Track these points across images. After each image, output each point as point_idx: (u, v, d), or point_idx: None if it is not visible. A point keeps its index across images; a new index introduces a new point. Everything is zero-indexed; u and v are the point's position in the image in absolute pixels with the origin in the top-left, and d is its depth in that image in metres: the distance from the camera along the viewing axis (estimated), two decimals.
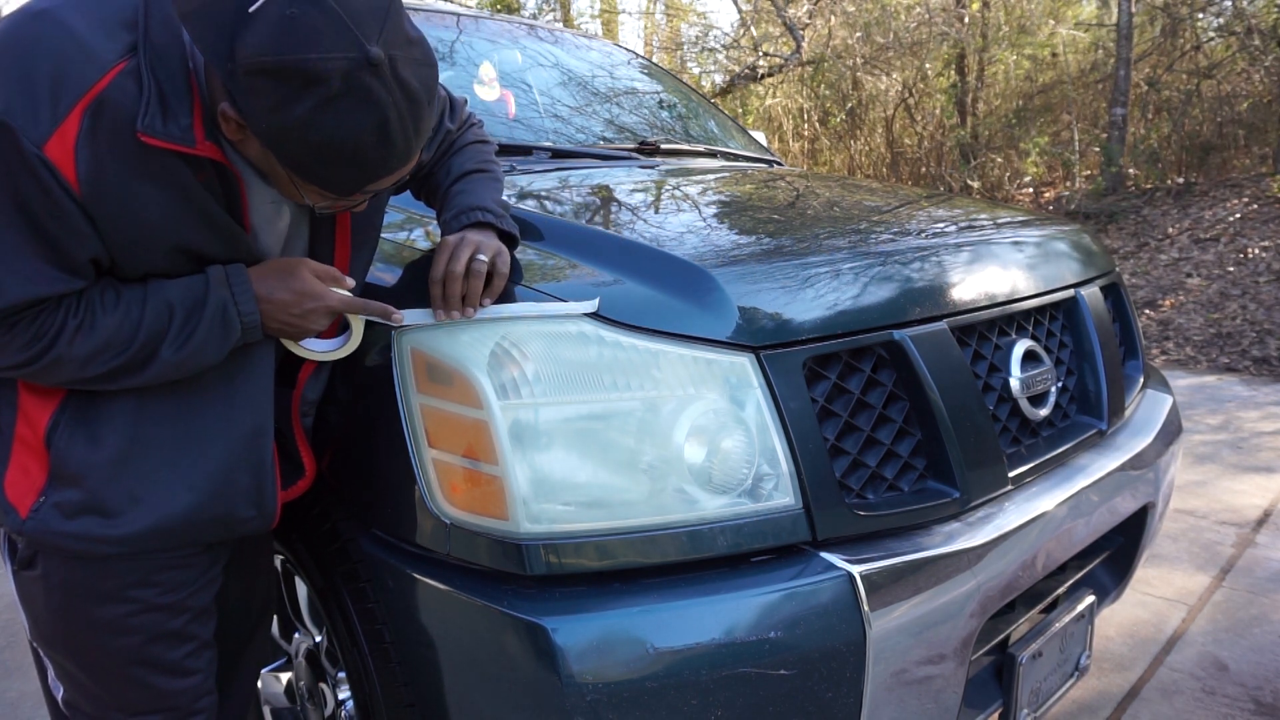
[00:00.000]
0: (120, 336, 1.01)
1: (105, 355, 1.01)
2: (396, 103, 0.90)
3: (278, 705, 1.73)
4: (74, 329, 0.99)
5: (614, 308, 1.18)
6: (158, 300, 1.03)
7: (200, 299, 1.04)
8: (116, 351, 1.01)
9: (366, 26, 0.87)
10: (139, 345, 1.02)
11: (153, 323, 1.02)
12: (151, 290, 1.03)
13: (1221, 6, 9.27)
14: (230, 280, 1.07)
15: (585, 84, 2.69)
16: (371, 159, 0.92)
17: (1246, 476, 3.46)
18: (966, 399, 1.35)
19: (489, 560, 1.14)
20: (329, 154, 0.91)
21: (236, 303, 1.06)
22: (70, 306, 0.99)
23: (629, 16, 15.37)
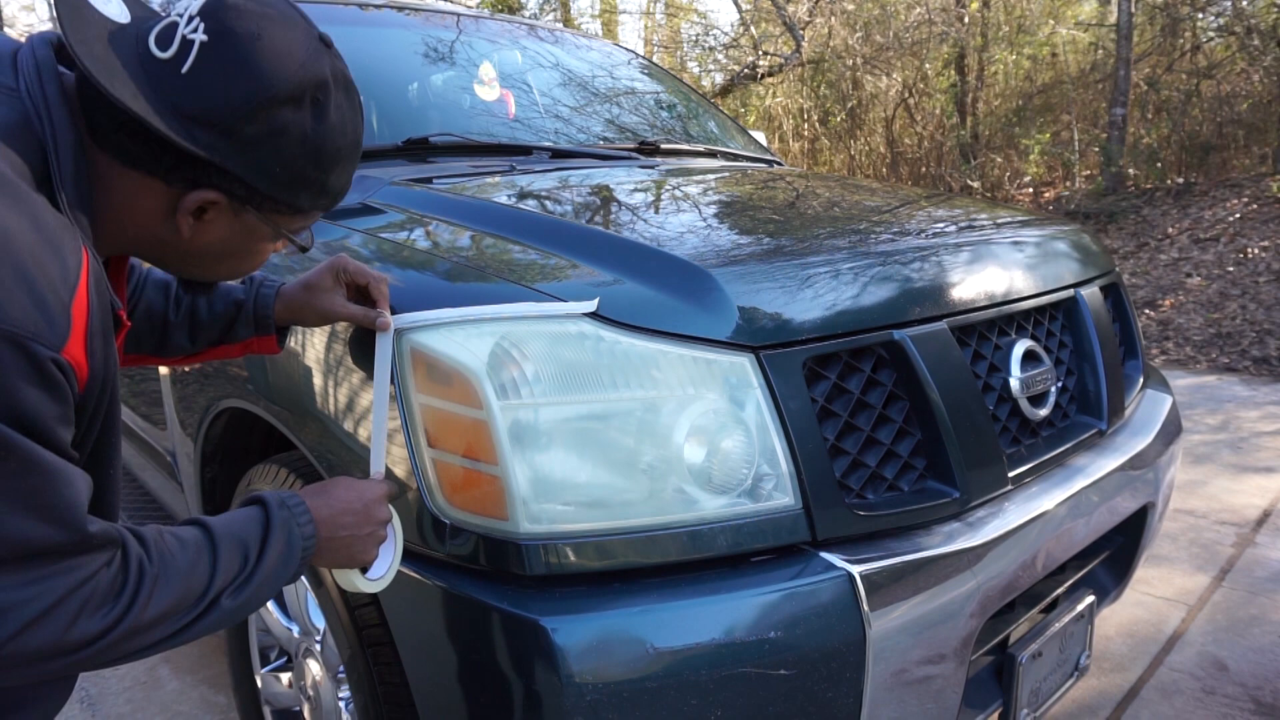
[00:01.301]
0: (194, 587, 0.84)
1: (176, 614, 0.83)
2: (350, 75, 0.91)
3: (278, 705, 1.73)
4: (152, 579, 0.80)
5: (614, 308, 1.17)
6: (226, 538, 0.88)
7: (264, 527, 0.91)
8: (189, 606, 0.84)
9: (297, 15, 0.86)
10: (212, 596, 0.85)
11: (229, 565, 0.87)
12: (214, 528, 0.89)
13: (1221, 6, 9.27)
14: (285, 501, 0.95)
15: (585, 84, 2.69)
16: (361, 140, 0.93)
17: (1246, 476, 3.46)
18: (966, 399, 1.35)
19: (489, 560, 1.14)
20: (348, 152, 0.89)
21: (298, 523, 0.94)
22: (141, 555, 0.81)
23: (629, 16, 15.36)
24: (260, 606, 0.95)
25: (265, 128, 0.81)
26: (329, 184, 0.90)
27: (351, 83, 0.90)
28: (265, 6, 0.83)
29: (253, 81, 0.80)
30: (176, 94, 0.79)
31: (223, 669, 2.29)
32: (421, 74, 2.39)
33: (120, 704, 2.16)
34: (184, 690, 2.22)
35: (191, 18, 0.81)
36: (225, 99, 0.79)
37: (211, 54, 0.79)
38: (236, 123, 0.80)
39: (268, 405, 1.48)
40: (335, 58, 0.88)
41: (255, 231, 0.92)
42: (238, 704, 1.82)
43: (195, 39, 0.79)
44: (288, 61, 0.81)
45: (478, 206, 1.57)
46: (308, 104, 0.83)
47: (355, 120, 0.90)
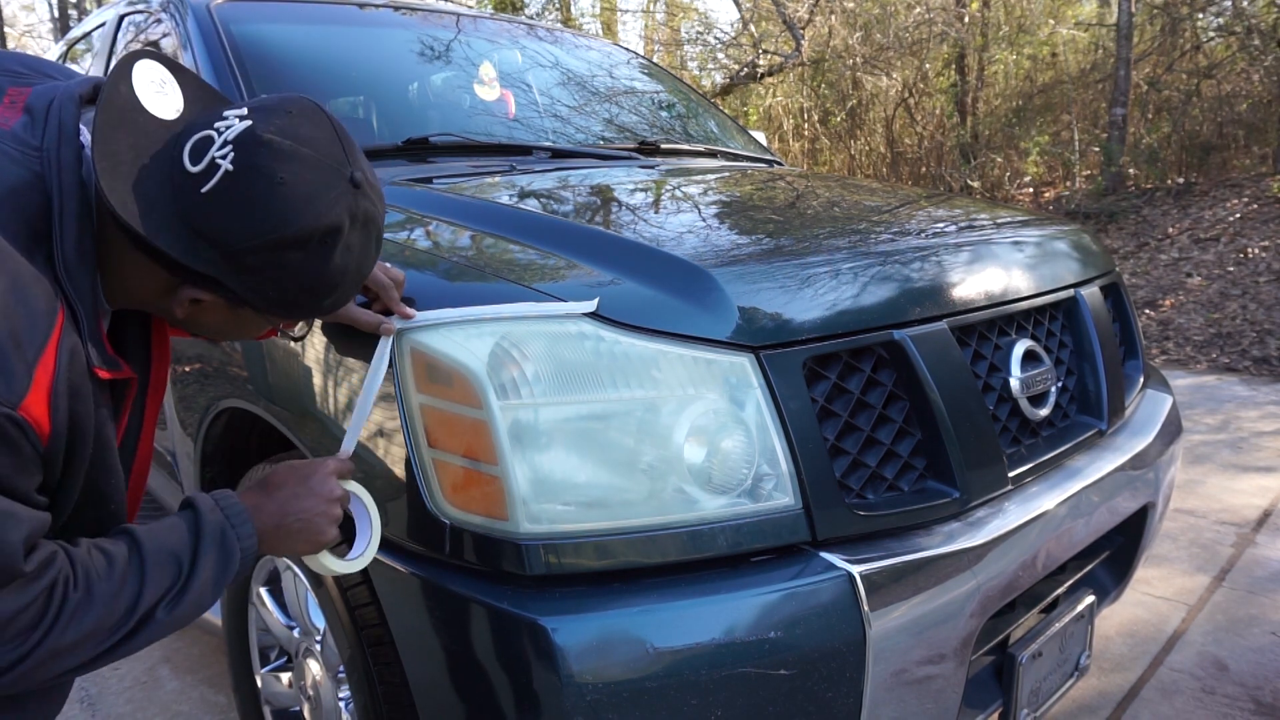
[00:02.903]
0: (119, 607, 0.84)
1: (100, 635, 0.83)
2: (379, 207, 0.93)
3: (278, 705, 1.73)
4: (74, 605, 0.81)
5: (614, 307, 1.17)
6: (155, 550, 0.88)
7: (194, 534, 0.91)
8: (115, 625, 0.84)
9: (336, 155, 0.87)
10: (141, 612, 0.85)
11: (159, 579, 0.87)
12: (142, 541, 0.88)
13: (1221, 6, 9.26)
14: (218, 502, 0.95)
15: (585, 84, 2.68)
16: (372, 265, 0.95)
17: (1246, 476, 3.46)
18: (966, 399, 1.35)
19: (489, 560, 1.14)
20: (345, 285, 0.91)
21: (233, 525, 0.94)
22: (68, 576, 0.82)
23: (629, 16, 15.36)
24: (206, 609, 0.94)
25: (266, 261, 0.84)
26: (323, 306, 0.93)
27: (374, 219, 0.92)
28: (301, 146, 0.84)
29: (264, 222, 0.82)
30: (191, 208, 0.82)
31: (223, 669, 2.29)
32: (421, 74, 2.39)
33: (120, 704, 2.16)
34: (184, 690, 2.22)
35: (226, 142, 0.83)
36: (233, 229, 0.82)
37: (232, 184, 0.82)
38: (239, 252, 0.83)
39: (268, 405, 1.48)
40: (363, 196, 0.89)
41: (250, 321, 0.97)
42: (238, 704, 1.82)
43: (222, 166, 0.82)
44: (304, 209, 0.84)
45: (478, 206, 1.57)
46: (315, 246, 0.86)
47: (363, 257, 0.92)
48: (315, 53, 2.20)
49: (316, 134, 0.87)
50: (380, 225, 0.94)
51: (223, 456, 1.80)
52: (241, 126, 0.84)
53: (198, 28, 2.04)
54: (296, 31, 2.22)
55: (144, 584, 0.86)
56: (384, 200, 0.96)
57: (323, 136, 0.87)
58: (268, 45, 2.09)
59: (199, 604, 0.91)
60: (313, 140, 0.86)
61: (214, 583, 0.92)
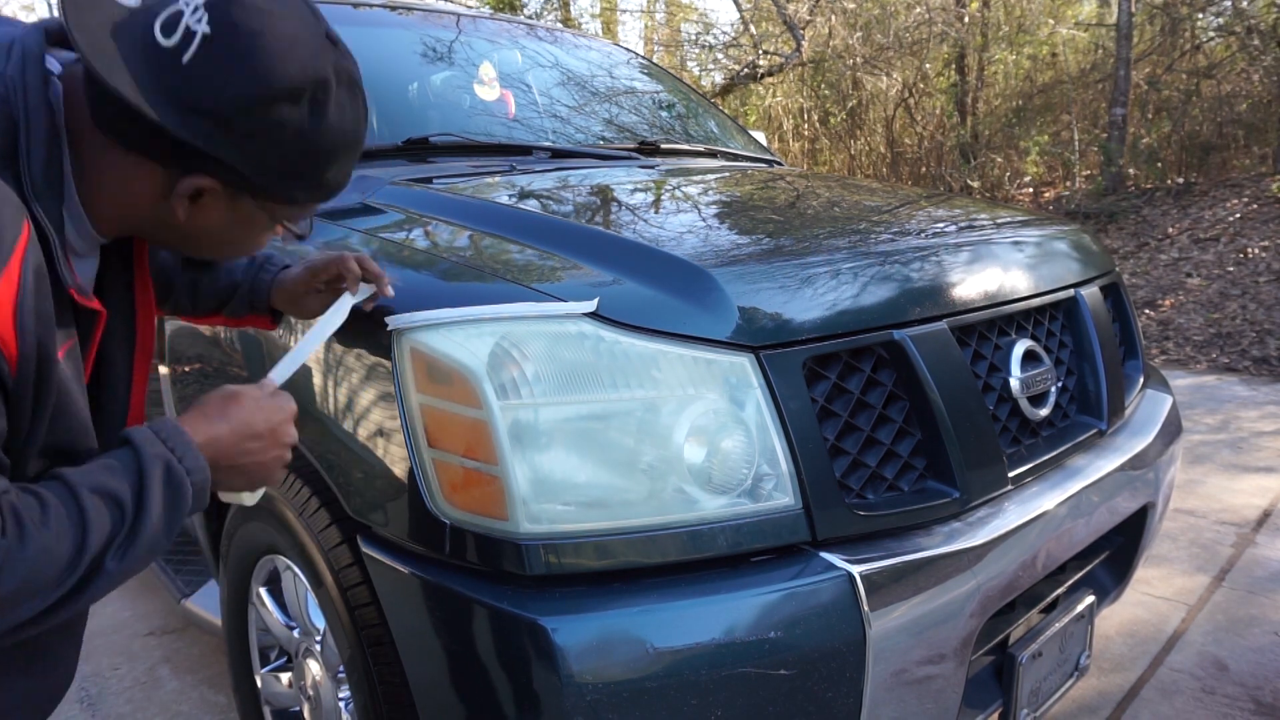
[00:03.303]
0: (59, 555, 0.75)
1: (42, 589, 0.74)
2: (359, 72, 0.91)
3: (278, 705, 1.73)
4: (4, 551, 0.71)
5: (614, 307, 1.17)
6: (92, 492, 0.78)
7: (136, 472, 0.81)
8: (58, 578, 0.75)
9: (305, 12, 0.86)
10: (87, 562, 0.76)
11: (102, 524, 0.78)
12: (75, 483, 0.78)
13: (1221, 6, 9.27)
14: (161, 433, 0.85)
15: (585, 84, 2.69)
16: (364, 136, 0.92)
17: (1246, 476, 3.46)
18: (966, 399, 1.35)
19: (488, 560, 1.14)
20: (345, 149, 0.89)
21: (179, 457, 0.84)
22: None
23: (629, 15, 15.36)
24: (160, 554, 0.87)
25: (261, 122, 0.82)
26: (325, 178, 0.91)
27: (356, 80, 0.90)
28: (272, 3, 0.83)
29: (251, 77, 0.80)
30: (175, 83, 0.80)
31: (223, 669, 2.29)
32: (421, 74, 2.39)
33: (120, 704, 2.16)
34: (184, 690, 2.22)
35: (197, 7, 0.81)
36: (222, 92, 0.80)
37: (212, 47, 0.79)
38: (232, 116, 0.80)
39: None
40: (342, 55, 0.88)
41: (251, 217, 0.92)
42: (238, 704, 1.82)
43: (198, 30, 0.80)
44: (288, 59, 0.82)
45: (477, 206, 1.57)
46: (306, 102, 0.83)
47: (356, 118, 0.90)
48: None
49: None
50: (364, 92, 0.91)
51: None
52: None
53: None
54: None
55: (86, 530, 0.77)
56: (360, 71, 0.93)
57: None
58: None
59: (152, 549, 0.82)
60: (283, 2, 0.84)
61: (166, 524, 0.83)
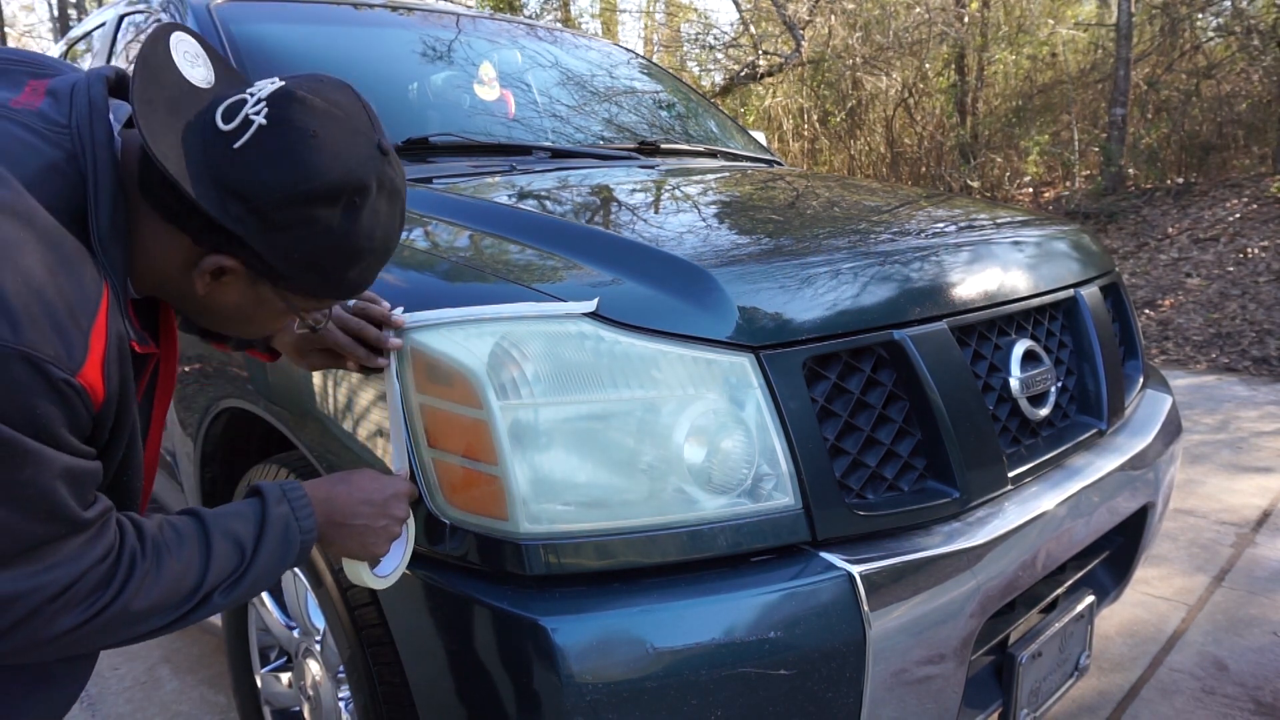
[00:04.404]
0: (185, 583, 0.88)
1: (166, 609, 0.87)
2: (404, 183, 0.94)
3: (278, 705, 1.73)
4: (143, 573, 0.85)
5: (613, 307, 1.17)
6: (221, 535, 0.92)
7: (259, 523, 0.95)
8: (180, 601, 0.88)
9: (362, 120, 0.89)
10: (204, 593, 0.89)
11: (223, 563, 0.91)
12: (210, 524, 0.92)
13: (1221, 6, 9.27)
14: (287, 491, 0.98)
15: (585, 84, 2.68)
16: (396, 242, 0.95)
17: (1245, 476, 3.46)
18: (966, 399, 1.35)
19: (488, 560, 1.14)
20: (371, 255, 0.91)
21: (297, 517, 0.98)
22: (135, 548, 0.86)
23: (629, 16, 15.36)
24: (256, 595, 0.98)
25: (295, 217, 0.85)
26: (346, 277, 0.93)
27: (398, 190, 0.93)
28: (334, 107, 0.86)
29: (294, 174, 0.83)
30: (222, 165, 0.83)
31: (223, 669, 2.29)
32: (421, 74, 2.39)
33: (120, 704, 2.16)
34: (184, 690, 2.22)
35: (260, 100, 0.85)
36: (263, 182, 0.83)
37: (265, 138, 0.83)
38: (268, 206, 0.84)
39: (268, 405, 1.48)
40: (389, 165, 0.90)
41: (269, 303, 0.95)
42: (238, 704, 1.82)
43: (255, 120, 0.83)
44: (334, 162, 0.84)
45: (477, 206, 1.57)
46: (342, 204, 0.86)
47: (390, 226, 0.93)
48: (315, 53, 2.20)
49: (346, 101, 0.89)
50: (404, 201, 0.95)
51: (222, 456, 1.80)
52: (276, 85, 0.86)
53: (197, 28, 2.04)
54: (296, 31, 2.22)
55: (209, 565, 0.90)
56: (406, 180, 0.96)
57: (351, 105, 0.89)
58: (268, 45, 2.09)
59: (254, 589, 0.94)
60: (342, 105, 0.88)
61: (270, 572, 0.95)
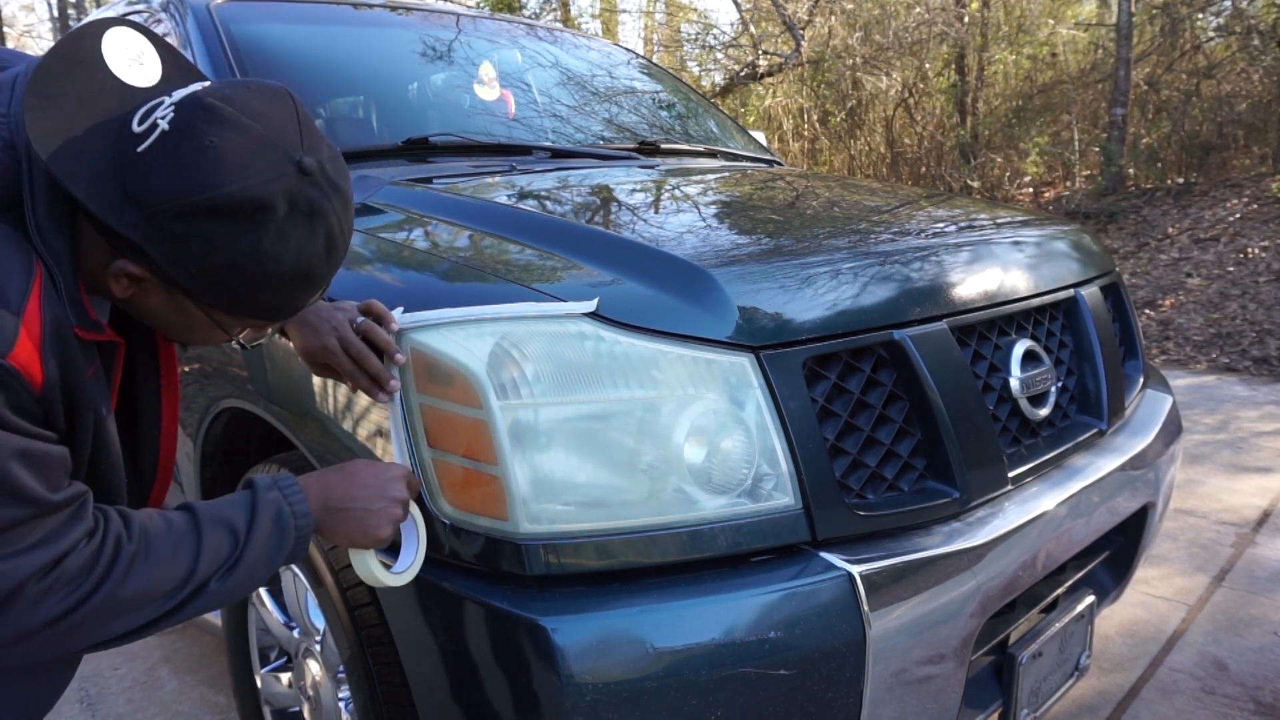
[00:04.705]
0: (177, 570, 0.87)
1: (159, 596, 0.86)
2: (334, 207, 0.87)
3: (278, 705, 1.73)
4: (129, 557, 0.84)
5: (613, 307, 1.17)
6: (212, 522, 0.91)
7: (250, 510, 0.94)
8: (174, 588, 0.87)
9: (287, 136, 0.83)
10: (197, 579, 0.88)
11: (215, 550, 0.90)
12: (200, 512, 0.91)
13: (1221, 6, 9.27)
14: (279, 480, 0.98)
15: (585, 84, 2.68)
16: (321, 272, 0.89)
17: (1246, 476, 3.46)
18: (966, 399, 1.35)
19: (488, 560, 1.14)
20: (279, 279, 0.85)
21: (290, 504, 0.96)
22: (121, 533, 0.85)
23: (629, 16, 15.36)
24: (257, 587, 0.96)
25: (188, 229, 0.80)
26: (258, 301, 0.87)
27: (320, 213, 0.86)
28: (248, 117, 0.82)
29: (183, 184, 0.79)
30: (124, 167, 0.81)
31: (223, 669, 2.29)
32: (421, 74, 2.39)
33: (120, 704, 2.16)
34: (184, 690, 2.22)
35: (170, 104, 0.82)
36: (155, 190, 0.80)
37: (164, 144, 0.80)
38: (161, 216, 0.80)
39: (268, 405, 1.48)
40: (311, 184, 0.84)
41: (192, 315, 0.91)
42: (238, 704, 1.82)
43: (160, 125, 0.81)
44: (229, 177, 0.79)
45: (477, 206, 1.57)
46: (238, 220, 0.81)
47: (306, 250, 0.86)
48: (315, 53, 2.20)
49: (270, 111, 0.83)
50: (332, 225, 0.87)
51: (222, 456, 1.80)
52: (191, 89, 0.83)
53: (198, 28, 2.04)
54: (297, 31, 2.22)
55: (200, 551, 0.88)
56: (348, 205, 0.90)
57: (277, 116, 0.84)
58: (268, 45, 2.09)
59: (251, 579, 0.93)
60: (262, 115, 0.82)
61: (268, 559, 0.94)
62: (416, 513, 1.14)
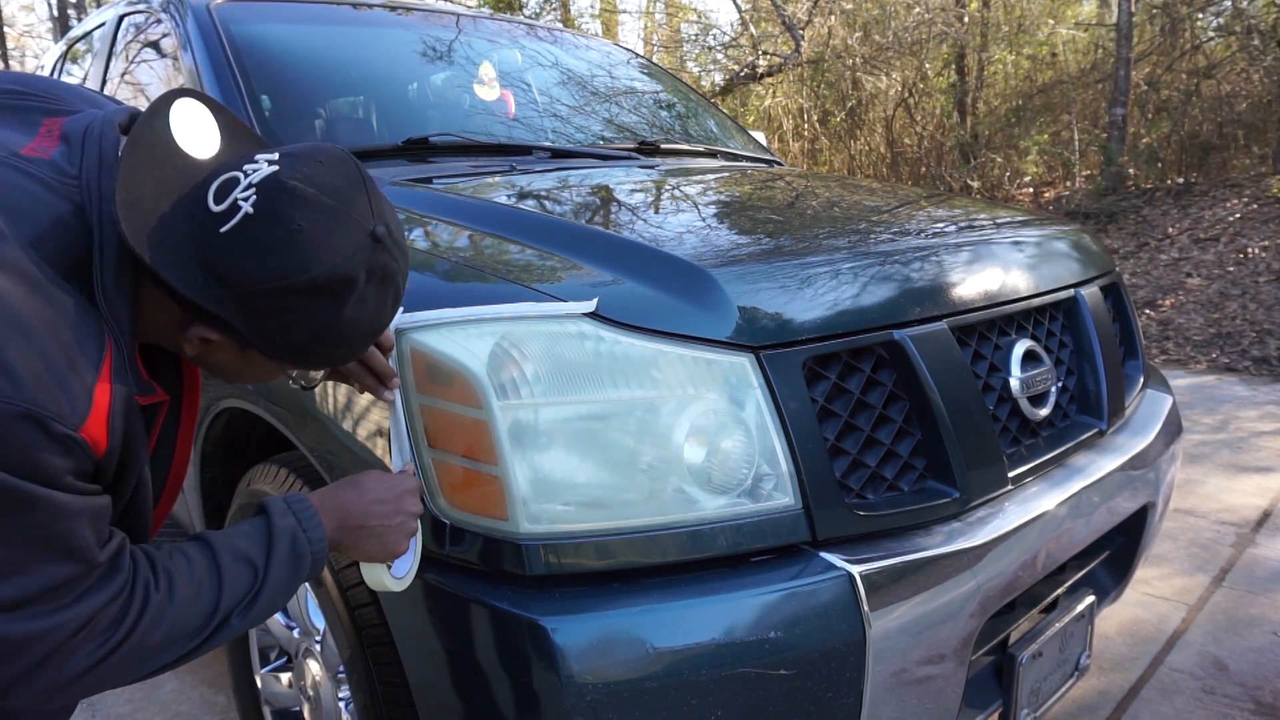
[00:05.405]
0: (201, 609, 0.88)
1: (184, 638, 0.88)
2: (401, 266, 0.92)
3: (278, 705, 1.73)
4: (158, 604, 0.85)
5: (613, 307, 1.17)
6: (230, 555, 0.92)
7: (266, 539, 0.95)
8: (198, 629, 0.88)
9: (359, 207, 0.86)
10: (220, 616, 0.90)
11: (236, 584, 0.91)
12: (218, 547, 0.92)
13: (1221, 6, 9.27)
14: (292, 505, 0.99)
15: (585, 83, 2.68)
16: (387, 322, 0.94)
17: (1245, 476, 3.46)
18: (966, 399, 1.35)
19: (489, 560, 1.14)
20: (355, 339, 0.90)
21: (304, 529, 0.98)
22: (149, 579, 0.86)
23: (629, 16, 15.36)
24: (275, 612, 0.98)
25: (277, 306, 0.84)
26: (330, 357, 0.92)
27: (391, 274, 0.90)
28: (324, 195, 0.84)
29: (276, 267, 0.82)
30: (208, 247, 0.82)
31: (223, 669, 2.29)
32: (421, 73, 2.39)
33: (120, 704, 2.16)
34: (184, 690, 2.22)
35: (250, 185, 0.83)
36: (246, 271, 0.82)
37: (250, 227, 0.82)
38: (250, 295, 0.83)
39: (268, 405, 1.48)
40: (384, 250, 0.88)
41: (260, 365, 0.96)
42: (238, 704, 1.82)
43: (243, 208, 0.82)
44: (319, 257, 0.83)
45: (477, 206, 1.57)
46: (327, 296, 0.85)
47: (378, 312, 0.91)
48: (315, 53, 2.20)
49: (342, 184, 0.86)
50: (399, 282, 0.93)
51: (223, 457, 1.80)
52: (268, 170, 0.84)
53: (198, 28, 2.04)
54: (297, 32, 2.22)
55: (222, 589, 0.90)
56: (407, 257, 0.95)
57: (348, 188, 0.87)
58: (268, 45, 2.09)
59: (270, 607, 0.94)
60: (337, 191, 0.85)
61: (285, 586, 0.95)
62: None
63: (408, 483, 1.09)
